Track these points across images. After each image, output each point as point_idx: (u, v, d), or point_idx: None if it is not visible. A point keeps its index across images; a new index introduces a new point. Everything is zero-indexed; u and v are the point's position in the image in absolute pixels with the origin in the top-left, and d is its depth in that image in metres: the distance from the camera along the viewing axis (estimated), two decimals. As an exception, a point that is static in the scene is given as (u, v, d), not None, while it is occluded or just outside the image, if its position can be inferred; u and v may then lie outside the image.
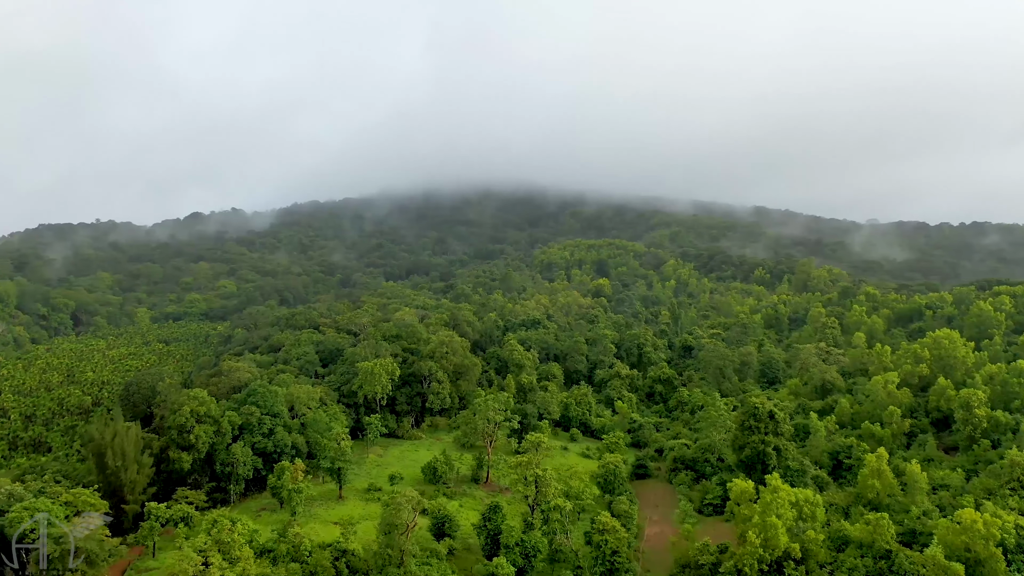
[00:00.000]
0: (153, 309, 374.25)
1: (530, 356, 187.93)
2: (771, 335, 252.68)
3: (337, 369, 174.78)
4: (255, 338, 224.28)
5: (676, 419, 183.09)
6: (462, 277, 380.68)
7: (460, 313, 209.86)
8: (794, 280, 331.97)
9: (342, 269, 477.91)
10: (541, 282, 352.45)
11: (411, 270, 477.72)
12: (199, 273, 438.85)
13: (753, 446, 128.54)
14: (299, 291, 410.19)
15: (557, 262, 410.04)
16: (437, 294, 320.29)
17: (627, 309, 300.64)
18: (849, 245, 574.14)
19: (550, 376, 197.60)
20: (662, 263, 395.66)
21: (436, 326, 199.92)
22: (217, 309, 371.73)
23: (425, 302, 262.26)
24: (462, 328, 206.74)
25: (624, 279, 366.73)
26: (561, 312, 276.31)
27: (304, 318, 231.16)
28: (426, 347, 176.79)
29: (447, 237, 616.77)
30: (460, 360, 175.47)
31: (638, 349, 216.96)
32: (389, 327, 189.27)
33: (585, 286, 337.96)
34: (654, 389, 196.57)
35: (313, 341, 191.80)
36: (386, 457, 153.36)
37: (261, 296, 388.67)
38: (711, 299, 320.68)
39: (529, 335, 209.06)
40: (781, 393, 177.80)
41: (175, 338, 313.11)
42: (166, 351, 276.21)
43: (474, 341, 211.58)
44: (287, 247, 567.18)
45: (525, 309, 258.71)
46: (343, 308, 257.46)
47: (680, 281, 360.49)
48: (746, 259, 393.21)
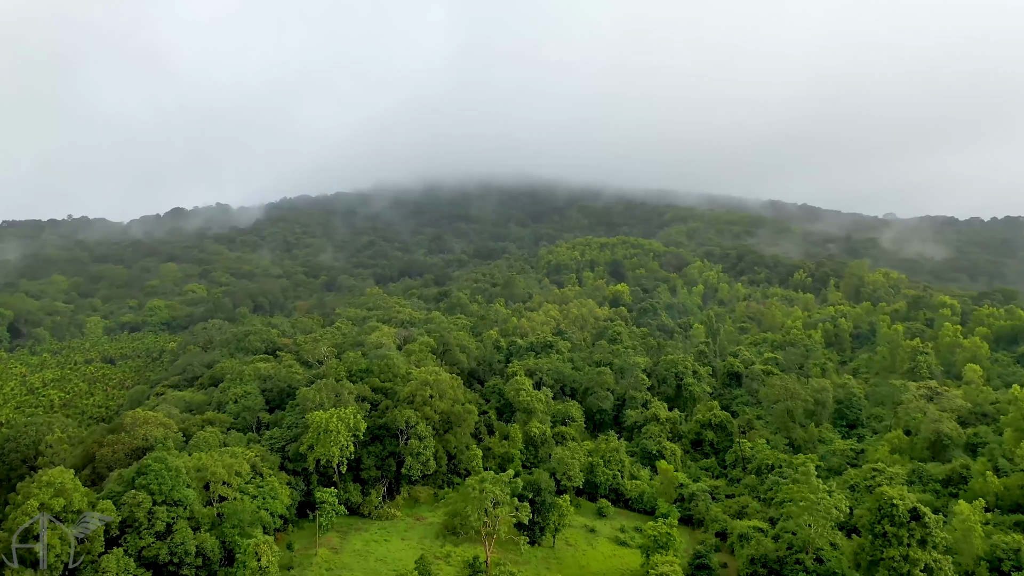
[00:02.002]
0: (109, 318, 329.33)
1: (541, 397, 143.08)
2: (832, 356, 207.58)
3: (284, 419, 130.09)
4: (197, 365, 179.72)
5: (735, 480, 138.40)
6: (459, 281, 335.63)
7: (451, 336, 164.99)
8: (843, 285, 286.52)
9: (328, 270, 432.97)
10: (549, 287, 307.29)
11: (404, 271, 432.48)
12: (167, 275, 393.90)
13: (892, 567, 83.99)
14: (276, 296, 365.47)
15: (566, 263, 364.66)
16: (429, 303, 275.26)
17: (651, 321, 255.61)
18: (880, 242, 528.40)
19: (567, 419, 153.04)
20: (685, 264, 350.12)
21: (420, 354, 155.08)
22: (181, 318, 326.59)
23: (412, 315, 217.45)
24: (453, 355, 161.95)
25: (643, 283, 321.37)
26: (575, 326, 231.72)
27: (260, 339, 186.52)
28: (404, 387, 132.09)
29: (445, 234, 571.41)
30: (449, 406, 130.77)
31: (676, 379, 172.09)
32: (356, 358, 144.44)
33: (600, 292, 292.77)
34: (703, 436, 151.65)
35: (260, 375, 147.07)
36: (343, 551, 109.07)
37: (233, 302, 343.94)
38: (747, 308, 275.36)
39: (539, 363, 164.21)
40: (879, 450, 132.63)
41: (124, 355, 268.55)
42: (102, 375, 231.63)
43: (469, 371, 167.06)
44: (271, 245, 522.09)
45: (532, 324, 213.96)
46: (312, 324, 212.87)
47: (708, 285, 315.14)
48: (780, 260, 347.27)
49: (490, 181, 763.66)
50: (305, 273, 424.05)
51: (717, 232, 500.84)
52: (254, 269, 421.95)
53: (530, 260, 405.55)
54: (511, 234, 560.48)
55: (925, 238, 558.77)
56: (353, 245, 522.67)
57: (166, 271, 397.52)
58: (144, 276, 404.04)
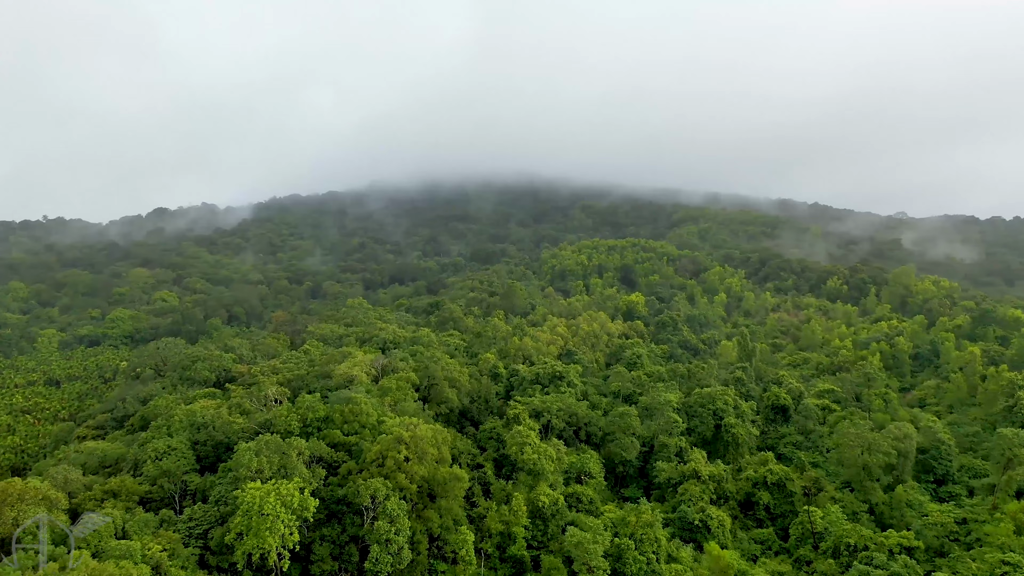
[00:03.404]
0: (66, 330, 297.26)
1: (551, 452, 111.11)
2: (891, 382, 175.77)
3: (213, 490, 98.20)
4: (131, 399, 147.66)
5: (804, 562, 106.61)
6: (453, 289, 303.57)
7: (439, 367, 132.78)
8: (886, 294, 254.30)
9: (313, 275, 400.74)
10: (554, 297, 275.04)
11: (395, 276, 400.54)
12: (136, 281, 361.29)
13: None
14: (254, 305, 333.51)
15: (572, 268, 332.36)
16: (418, 316, 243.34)
17: (671, 336, 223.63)
18: (903, 243, 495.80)
19: (583, 474, 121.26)
20: (702, 269, 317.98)
21: (399, 392, 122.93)
22: (146, 330, 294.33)
23: (396, 333, 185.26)
24: (440, 392, 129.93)
25: (658, 291, 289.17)
26: (586, 345, 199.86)
27: (209, 367, 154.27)
28: (371, 448, 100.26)
29: (441, 235, 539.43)
30: (431, 470, 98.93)
31: (714, 417, 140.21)
32: (313, 402, 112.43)
33: (612, 302, 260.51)
34: (756, 498, 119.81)
35: (194, 422, 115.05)
36: None
37: (205, 312, 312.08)
38: (779, 321, 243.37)
39: (548, 402, 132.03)
40: (1000, 528, 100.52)
41: (73, 375, 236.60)
42: (35, 403, 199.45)
43: (461, 409, 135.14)
44: (255, 248, 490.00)
45: (536, 345, 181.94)
46: (277, 346, 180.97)
47: (731, 294, 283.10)
48: (808, 264, 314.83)
49: (490, 179, 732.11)
50: (288, 279, 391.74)
51: (731, 233, 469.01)
52: (232, 275, 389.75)
53: (532, 264, 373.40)
54: (511, 235, 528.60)
55: (951, 239, 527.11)
56: (343, 248, 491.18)
57: (135, 277, 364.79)
58: (113, 283, 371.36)
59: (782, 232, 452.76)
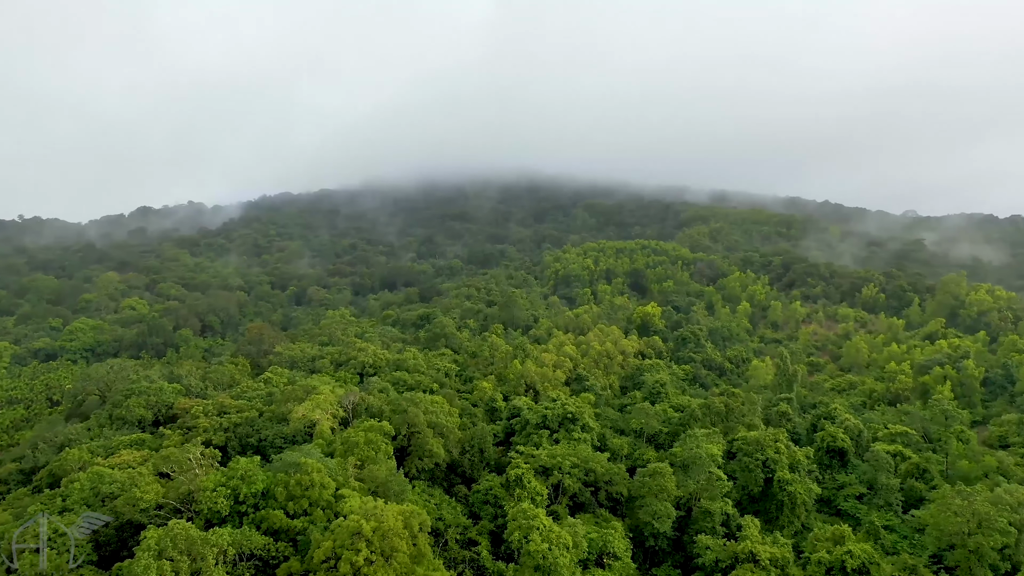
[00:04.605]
0: (21, 343, 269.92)
1: (567, 538, 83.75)
2: (963, 414, 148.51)
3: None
4: (43, 449, 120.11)
5: None
6: (448, 296, 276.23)
7: (420, 412, 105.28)
8: (933, 305, 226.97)
9: (299, 279, 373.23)
10: (559, 307, 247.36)
11: (387, 280, 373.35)
12: (104, 287, 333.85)
13: None
14: (231, 313, 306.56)
15: (577, 273, 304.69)
16: (406, 330, 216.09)
17: (693, 354, 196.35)
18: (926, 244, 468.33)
19: (604, 555, 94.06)
20: (720, 275, 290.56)
21: (366, 448, 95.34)
22: (108, 343, 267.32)
23: (377, 355, 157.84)
24: (422, 443, 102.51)
25: (673, 300, 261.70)
26: (598, 367, 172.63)
27: (145, 403, 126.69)
28: (322, 542, 72.91)
29: (437, 235, 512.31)
30: (404, 570, 71.64)
31: (764, 469, 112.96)
32: (249, 469, 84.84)
33: (624, 312, 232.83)
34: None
35: (99, 492, 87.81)
36: None
37: (176, 321, 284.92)
38: (814, 335, 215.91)
39: (559, 456, 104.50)
40: None
41: (16, 397, 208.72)
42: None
43: (449, 463, 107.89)
44: (240, 250, 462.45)
45: (542, 371, 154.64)
46: (234, 373, 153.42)
47: (754, 303, 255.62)
48: (836, 269, 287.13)
49: (489, 177, 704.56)
50: (272, 283, 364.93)
51: (744, 234, 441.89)
52: (212, 279, 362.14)
53: (533, 269, 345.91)
54: (511, 235, 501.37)
55: (973, 239, 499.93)
56: (333, 249, 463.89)
57: (104, 282, 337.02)
58: (83, 288, 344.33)
59: (799, 233, 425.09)
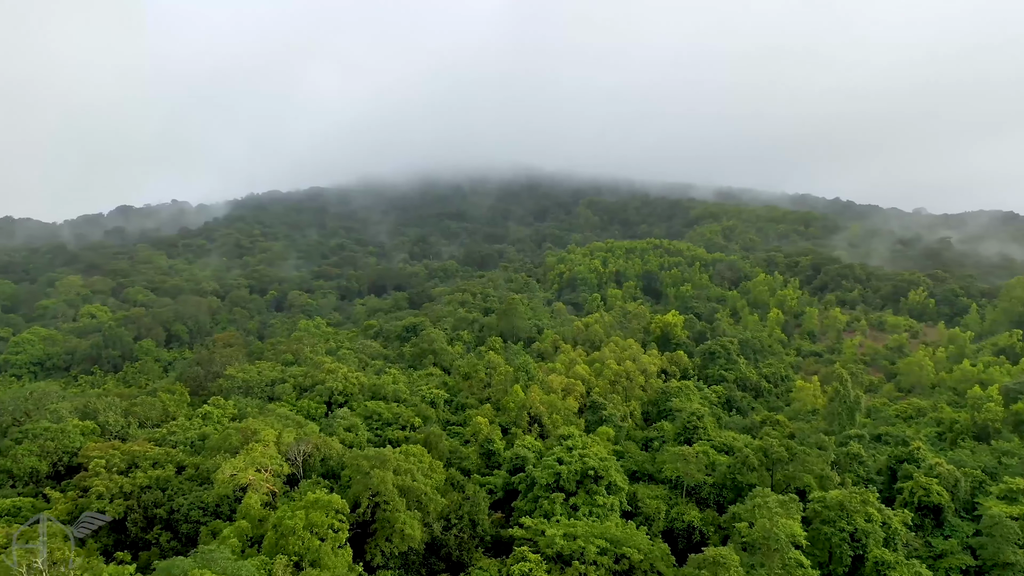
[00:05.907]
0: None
1: None
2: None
3: None
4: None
5: None
6: (440, 302, 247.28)
7: (385, 476, 75.93)
8: (994, 312, 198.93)
9: (280, 283, 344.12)
10: (566, 315, 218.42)
11: (375, 284, 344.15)
12: (65, 292, 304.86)
13: None
14: (202, 320, 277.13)
15: (583, 275, 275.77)
16: (390, 343, 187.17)
17: (724, 371, 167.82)
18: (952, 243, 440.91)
19: None
20: (743, 277, 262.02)
21: (311, 538, 66.64)
22: (60, 355, 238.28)
23: (348, 380, 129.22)
24: (391, 521, 73.48)
25: (693, 306, 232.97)
26: (615, 390, 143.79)
27: (39, 449, 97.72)
28: None
29: (431, 235, 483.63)
30: None
31: (852, 543, 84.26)
32: None
33: (640, 321, 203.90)
34: None
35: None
36: None
37: (138, 330, 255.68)
38: (861, 348, 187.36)
39: (579, 536, 75.89)
40: None
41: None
42: None
43: (430, 541, 78.89)
44: (221, 251, 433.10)
45: (550, 399, 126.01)
46: (170, 405, 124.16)
47: (785, 309, 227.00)
48: (873, 271, 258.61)
49: (487, 173, 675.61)
50: (251, 287, 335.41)
51: (759, 232, 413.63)
52: (185, 283, 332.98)
53: (534, 270, 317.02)
54: (510, 235, 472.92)
55: (1000, 237, 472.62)
56: (320, 250, 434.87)
57: (65, 287, 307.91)
58: (44, 294, 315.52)
59: (818, 231, 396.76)
